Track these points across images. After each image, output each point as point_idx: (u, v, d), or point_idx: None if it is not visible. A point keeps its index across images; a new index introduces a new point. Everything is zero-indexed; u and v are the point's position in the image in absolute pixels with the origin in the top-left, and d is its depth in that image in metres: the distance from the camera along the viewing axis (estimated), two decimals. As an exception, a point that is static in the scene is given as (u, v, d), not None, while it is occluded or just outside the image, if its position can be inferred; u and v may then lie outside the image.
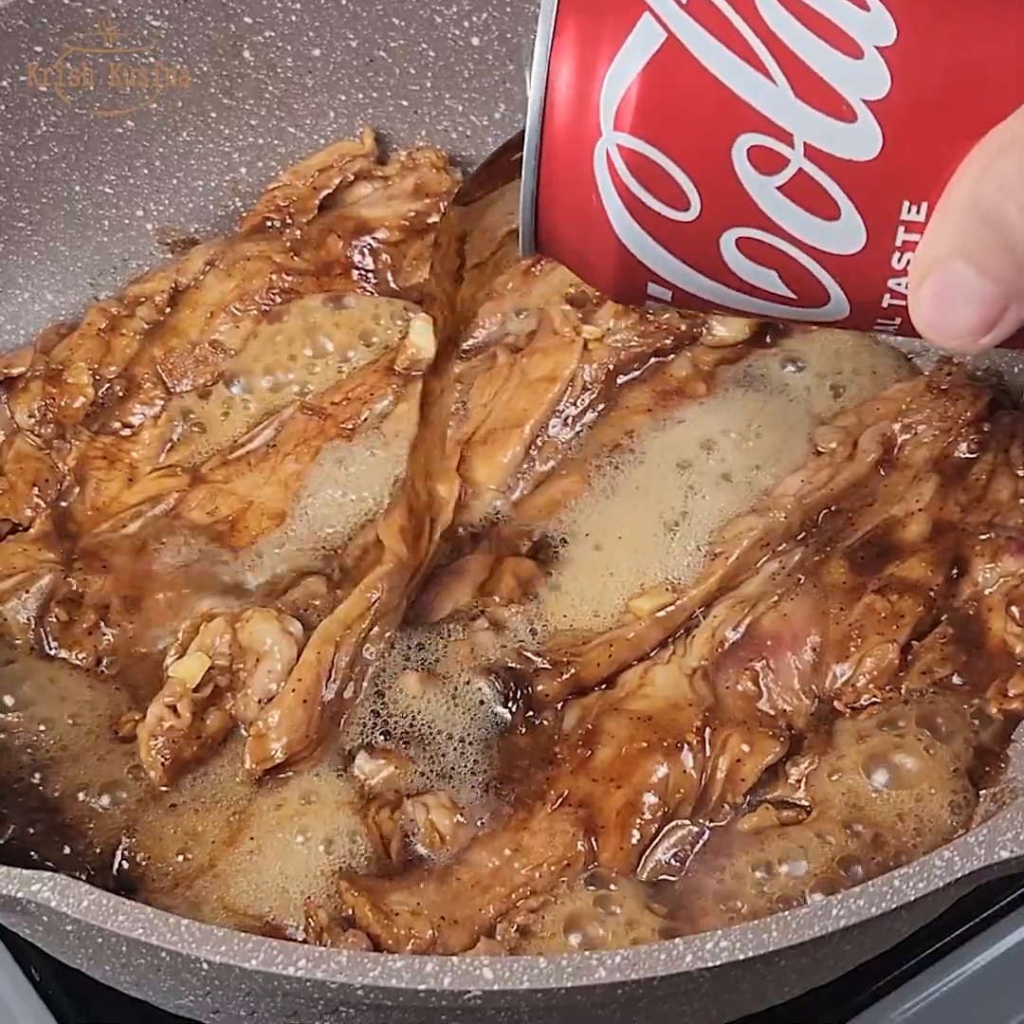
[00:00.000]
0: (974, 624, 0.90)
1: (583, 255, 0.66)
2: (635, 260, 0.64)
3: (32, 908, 0.65)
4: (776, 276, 0.63)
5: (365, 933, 0.78)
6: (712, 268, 0.64)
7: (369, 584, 0.89)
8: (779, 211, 0.61)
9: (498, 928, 0.79)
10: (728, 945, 0.63)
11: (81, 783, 0.85)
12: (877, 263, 0.62)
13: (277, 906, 0.80)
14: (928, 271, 0.60)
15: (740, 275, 0.64)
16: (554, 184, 0.63)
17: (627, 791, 0.83)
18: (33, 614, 0.92)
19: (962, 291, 0.59)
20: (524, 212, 0.65)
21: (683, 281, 0.64)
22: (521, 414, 0.98)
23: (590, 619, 0.91)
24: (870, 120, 0.60)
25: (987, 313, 0.59)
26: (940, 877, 0.65)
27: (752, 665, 0.88)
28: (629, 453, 0.97)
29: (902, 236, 0.61)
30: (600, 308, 1.02)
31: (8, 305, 1.08)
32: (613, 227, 0.63)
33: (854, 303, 0.64)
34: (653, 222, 0.62)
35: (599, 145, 0.62)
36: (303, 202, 1.11)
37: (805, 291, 0.64)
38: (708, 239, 0.63)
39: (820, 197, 0.61)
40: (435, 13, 1.11)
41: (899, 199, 0.61)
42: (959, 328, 0.60)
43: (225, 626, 0.88)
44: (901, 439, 0.97)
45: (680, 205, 0.62)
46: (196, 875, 0.82)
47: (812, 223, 0.61)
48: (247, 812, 0.84)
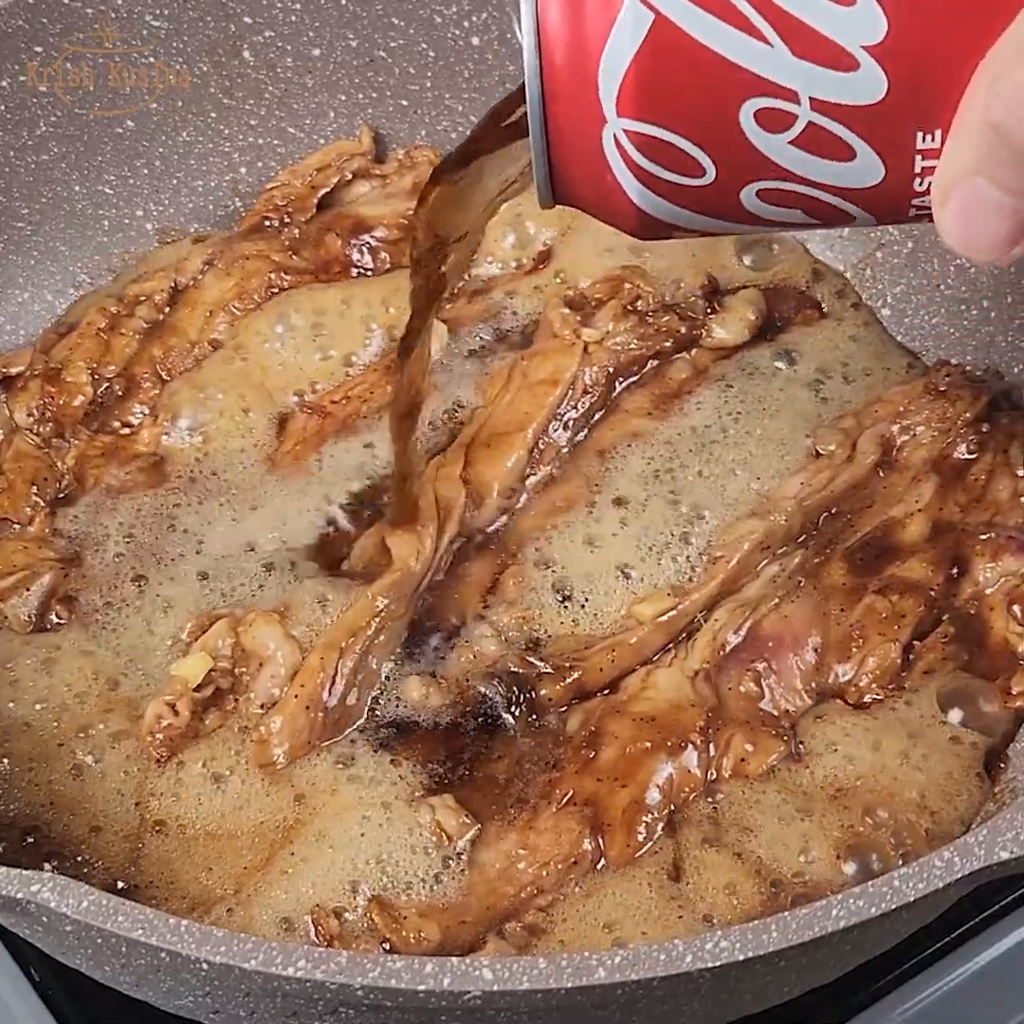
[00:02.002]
0: (975, 623, 0.90)
1: (604, 212, 0.66)
2: (658, 220, 0.65)
3: (32, 908, 0.65)
4: (802, 213, 0.64)
5: (378, 939, 0.78)
6: (736, 216, 0.64)
7: (377, 592, 0.89)
8: (794, 162, 0.62)
9: (507, 928, 0.79)
10: (728, 945, 0.63)
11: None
12: (899, 189, 0.62)
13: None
14: (950, 191, 0.60)
15: (766, 217, 0.65)
16: (567, 168, 0.64)
17: (632, 790, 0.83)
18: (34, 611, 0.93)
19: (985, 206, 0.59)
20: (540, 187, 0.65)
21: (709, 227, 0.66)
22: (523, 417, 0.98)
23: (592, 624, 0.91)
24: (872, 65, 0.59)
25: (1014, 224, 0.59)
26: (940, 877, 0.65)
27: (754, 666, 0.88)
28: (629, 457, 0.97)
29: (920, 164, 0.61)
30: (599, 311, 1.02)
31: (8, 305, 1.08)
32: (632, 199, 0.64)
33: (879, 217, 0.65)
34: (671, 191, 0.63)
35: (606, 131, 0.62)
36: (301, 201, 1.11)
37: (832, 218, 0.65)
38: (729, 195, 0.63)
39: (833, 143, 0.61)
40: (435, 13, 1.11)
41: (912, 131, 0.61)
42: (988, 242, 0.60)
43: (228, 629, 0.88)
44: (900, 440, 0.97)
45: (696, 173, 0.62)
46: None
47: (829, 167, 0.62)
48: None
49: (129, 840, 0.84)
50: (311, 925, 0.78)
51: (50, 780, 0.86)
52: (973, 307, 1.04)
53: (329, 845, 0.81)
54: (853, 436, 0.97)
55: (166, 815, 0.84)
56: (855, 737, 0.85)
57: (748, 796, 0.83)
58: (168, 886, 0.82)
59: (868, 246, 1.09)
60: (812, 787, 0.83)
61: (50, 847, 0.83)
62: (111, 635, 0.91)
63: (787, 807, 0.82)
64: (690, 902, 0.80)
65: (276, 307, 1.05)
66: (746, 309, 1.04)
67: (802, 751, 0.84)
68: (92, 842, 0.84)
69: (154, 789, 0.85)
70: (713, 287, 1.05)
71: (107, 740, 0.87)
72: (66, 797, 0.85)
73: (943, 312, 1.06)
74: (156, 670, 0.90)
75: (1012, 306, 1.02)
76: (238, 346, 1.03)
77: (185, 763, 0.85)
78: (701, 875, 0.81)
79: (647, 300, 1.03)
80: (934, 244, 1.06)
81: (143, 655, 0.91)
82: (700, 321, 1.03)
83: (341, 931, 0.78)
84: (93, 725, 0.88)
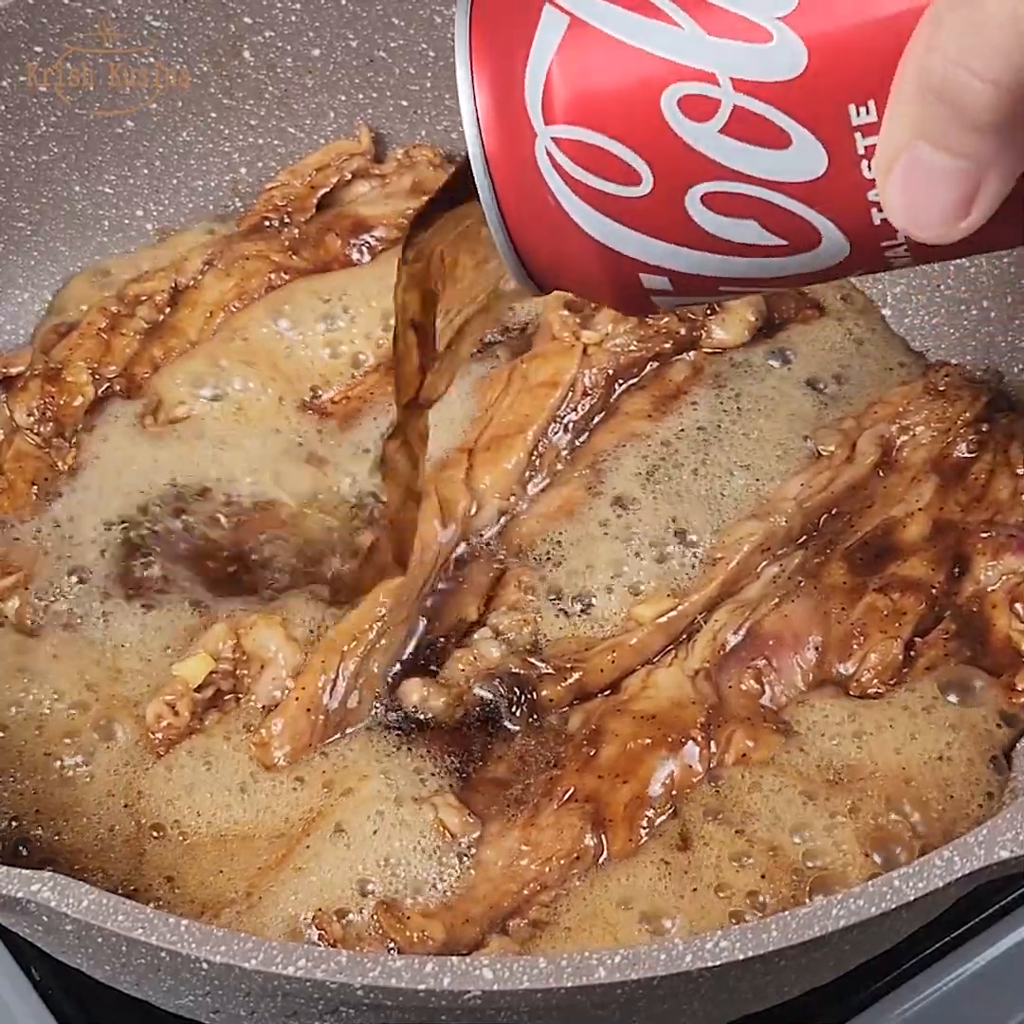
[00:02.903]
0: (977, 621, 0.90)
1: (573, 270, 0.65)
2: (614, 253, 0.62)
3: (32, 908, 0.65)
4: (757, 225, 0.61)
5: (382, 940, 0.78)
6: (691, 236, 0.62)
7: (378, 596, 0.89)
8: (728, 155, 0.59)
9: (511, 924, 0.79)
10: (728, 945, 0.63)
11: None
12: (848, 179, 0.59)
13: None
14: (891, 161, 0.57)
15: (721, 236, 0.61)
16: (513, 201, 0.62)
17: (633, 786, 0.83)
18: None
19: (930, 172, 0.56)
20: (504, 249, 0.64)
21: (670, 261, 0.63)
22: (523, 420, 0.98)
23: (593, 626, 0.91)
24: (789, 36, 0.58)
25: (961, 190, 0.56)
26: (940, 877, 0.65)
27: (755, 664, 0.88)
28: (629, 458, 0.97)
29: (861, 143, 0.58)
30: (598, 313, 1.02)
31: (8, 305, 1.08)
32: (579, 225, 0.62)
33: (847, 232, 0.61)
34: (614, 207, 0.61)
35: (538, 145, 0.61)
36: (301, 201, 1.11)
37: (793, 233, 0.61)
38: (672, 206, 0.61)
39: (765, 128, 0.59)
40: (435, 13, 1.11)
41: (844, 105, 0.58)
42: (937, 213, 0.57)
43: (228, 631, 0.88)
44: (899, 441, 0.97)
45: (632, 180, 0.60)
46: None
47: (767, 157, 0.59)
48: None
49: (129, 844, 0.83)
50: (314, 930, 0.78)
51: (35, 788, 0.85)
52: (973, 307, 1.05)
53: (331, 847, 0.81)
54: (852, 437, 0.97)
55: (163, 818, 0.84)
56: (854, 720, 0.85)
57: (747, 779, 0.83)
58: (173, 892, 0.81)
59: (868, 246, 1.09)
60: (808, 768, 0.84)
61: (43, 855, 0.83)
62: (106, 634, 0.91)
63: (788, 790, 0.83)
64: (699, 871, 0.80)
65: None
66: (746, 310, 1.04)
67: (798, 732, 0.85)
68: (93, 850, 0.83)
69: (151, 791, 0.85)
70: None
71: (97, 742, 0.87)
72: (56, 804, 0.85)
73: (943, 312, 1.06)
74: (155, 670, 0.90)
75: (1012, 306, 1.02)
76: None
77: (184, 763, 0.85)
78: (709, 846, 0.81)
79: (647, 301, 1.03)
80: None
81: (140, 654, 0.91)
82: (700, 322, 1.03)
83: (344, 935, 0.78)
84: (81, 730, 0.87)
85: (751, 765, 0.84)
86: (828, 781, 0.83)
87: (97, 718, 0.87)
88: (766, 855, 0.80)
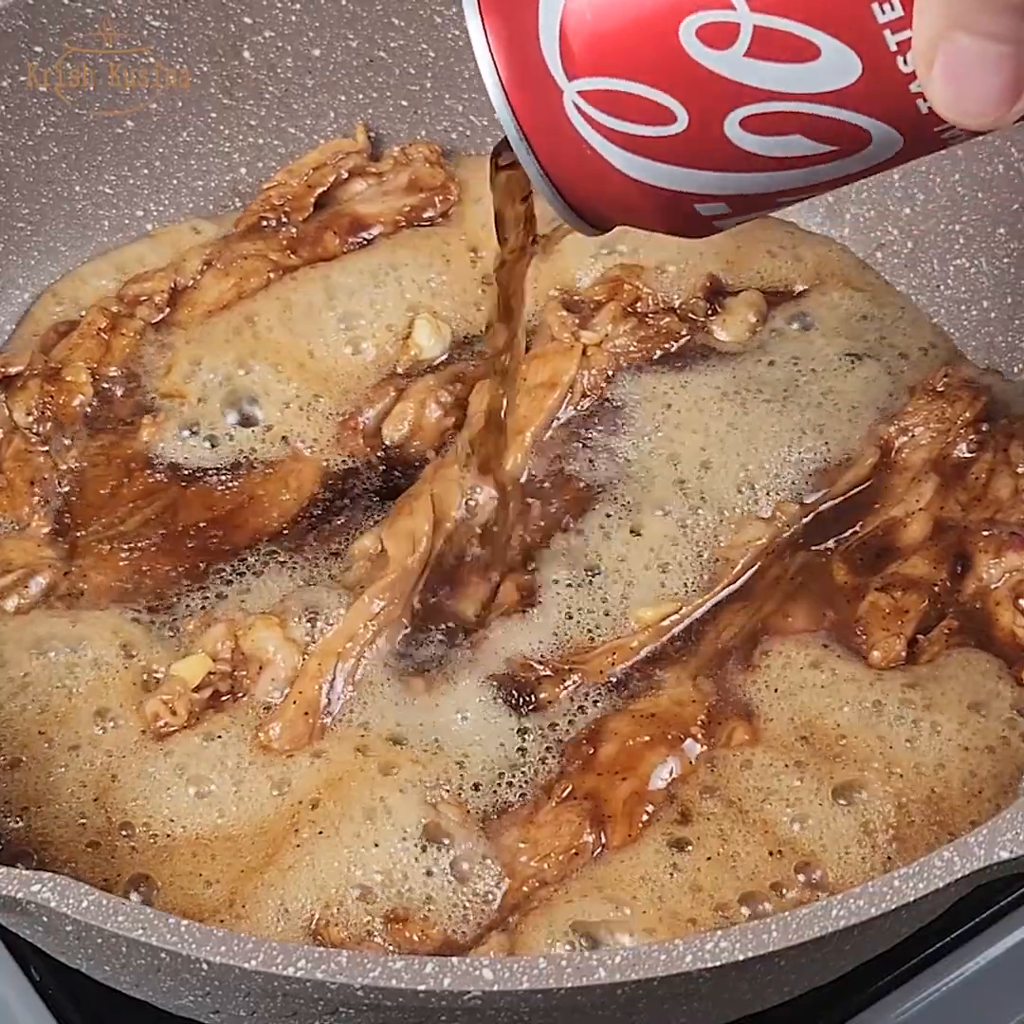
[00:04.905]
0: (980, 618, 0.90)
1: (630, 212, 0.64)
2: (666, 191, 0.62)
3: (32, 908, 0.65)
4: (803, 138, 0.60)
5: (381, 942, 0.78)
6: (738, 161, 0.61)
7: (373, 594, 0.89)
8: (759, 76, 0.58)
9: (510, 920, 0.79)
10: (728, 945, 0.63)
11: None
12: (886, 77, 0.58)
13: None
14: (930, 55, 0.55)
15: (769, 154, 0.60)
16: (555, 161, 0.62)
17: (633, 782, 0.83)
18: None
19: (971, 61, 0.54)
20: (555, 203, 0.64)
21: (722, 187, 0.62)
22: (521, 421, 0.97)
23: (593, 627, 0.91)
24: None
25: (1008, 75, 0.55)
26: (940, 877, 0.65)
27: (757, 663, 0.88)
28: (630, 461, 0.97)
29: (892, 39, 0.57)
30: (597, 314, 1.02)
31: (8, 305, 1.07)
32: (623, 171, 0.61)
33: (896, 126, 0.59)
34: (654, 148, 0.60)
35: (566, 101, 0.61)
36: (298, 200, 1.11)
37: (841, 138, 0.60)
38: (713, 137, 0.60)
39: (789, 43, 0.57)
40: (435, 13, 1.11)
41: (866, 5, 0.57)
42: (986, 100, 0.55)
43: (227, 632, 0.88)
44: (899, 442, 0.97)
45: (667, 119, 0.60)
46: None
47: (798, 71, 0.58)
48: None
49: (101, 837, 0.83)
50: (312, 937, 0.78)
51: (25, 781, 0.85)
52: (973, 307, 1.05)
53: (328, 847, 0.81)
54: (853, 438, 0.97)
55: (132, 816, 0.83)
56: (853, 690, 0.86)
57: (739, 758, 0.84)
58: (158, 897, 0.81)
59: (868, 246, 1.09)
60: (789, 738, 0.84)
61: (17, 848, 0.83)
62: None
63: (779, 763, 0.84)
64: (702, 845, 0.81)
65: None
66: (747, 311, 1.04)
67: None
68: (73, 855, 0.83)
69: (127, 787, 0.84)
70: (714, 288, 1.05)
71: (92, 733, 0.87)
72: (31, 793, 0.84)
73: (943, 312, 1.06)
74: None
75: (1012, 306, 1.02)
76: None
77: (183, 764, 0.85)
78: (709, 821, 0.82)
79: (647, 301, 1.03)
80: (934, 244, 1.06)
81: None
82: (701, 323, 1.03)
83: (344, 939, 0.78)
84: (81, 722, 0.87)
85: (744, 746, 0.84)
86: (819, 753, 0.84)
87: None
88: (760, 826, 0.81)
